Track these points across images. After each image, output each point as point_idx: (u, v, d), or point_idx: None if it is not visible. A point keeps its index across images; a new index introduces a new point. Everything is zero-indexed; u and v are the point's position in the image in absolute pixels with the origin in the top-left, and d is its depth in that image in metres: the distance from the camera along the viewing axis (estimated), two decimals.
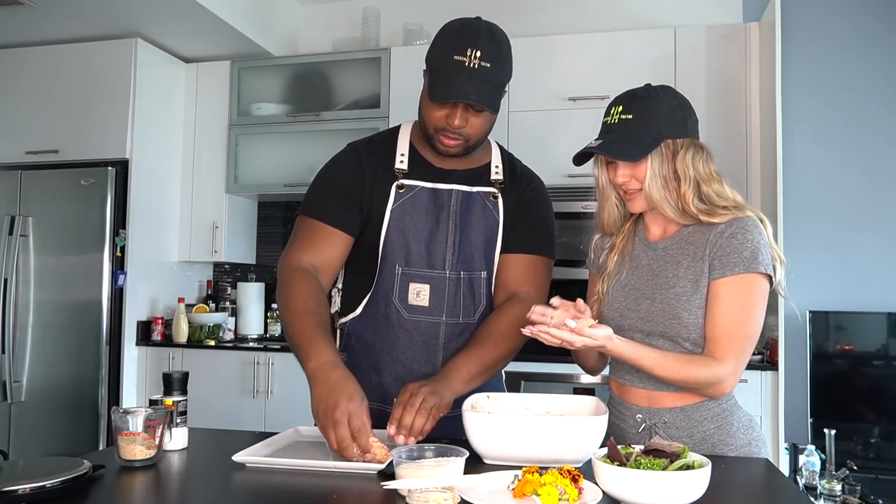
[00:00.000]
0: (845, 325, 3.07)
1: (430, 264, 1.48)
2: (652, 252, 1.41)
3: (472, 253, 1.51)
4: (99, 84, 3.59)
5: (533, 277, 1.54)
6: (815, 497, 2.51)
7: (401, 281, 1.48)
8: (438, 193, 1.50)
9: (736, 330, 1.28)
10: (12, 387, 3.44)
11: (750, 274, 1.28)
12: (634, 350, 1.24)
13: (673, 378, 1.27)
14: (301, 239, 1.50)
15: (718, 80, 3.22)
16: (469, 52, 1.36)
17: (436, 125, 1.44)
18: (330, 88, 3.79)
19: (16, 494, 0.96)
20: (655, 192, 1.33)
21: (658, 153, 1.32)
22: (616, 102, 1.38)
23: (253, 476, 1.13)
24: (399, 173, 1.50)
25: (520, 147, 3.32)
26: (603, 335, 1.20)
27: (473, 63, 1.35)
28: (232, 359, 3.48)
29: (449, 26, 1.44)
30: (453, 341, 1.50)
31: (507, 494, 0.99)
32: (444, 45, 1.40)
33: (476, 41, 1.37)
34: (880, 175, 3.21)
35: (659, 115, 1.32)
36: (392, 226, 1.48)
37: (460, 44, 1.37)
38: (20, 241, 3.50)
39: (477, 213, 1.52)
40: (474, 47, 1.36)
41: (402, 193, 1.49)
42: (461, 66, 1.36)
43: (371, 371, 1.51)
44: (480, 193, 1.53)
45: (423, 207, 1.49)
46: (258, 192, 3.85)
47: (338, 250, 1.50)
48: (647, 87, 1.38)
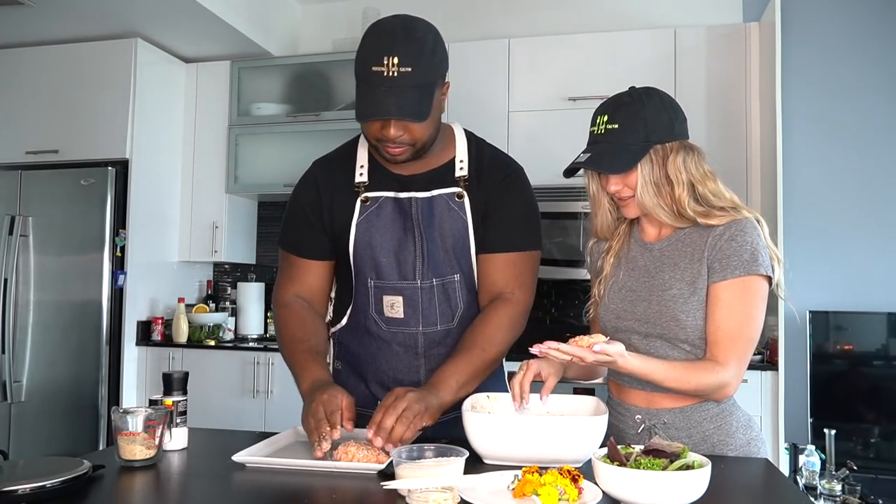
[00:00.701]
0: (845, 325, 3.07)
1: (401, 275, 1.45)
2: (648, 253, 1.40)
3: (442, 259, 1.45)
4: (99, 84, 3.58)
5: (515, 275, 1.47)
6: (815, 497, 2.51)
7: (374, 294, 1.48)
8: (401, 203, 1.46)
9: (738, 333, 1.28)
10: (12, 387, 3.44)
11: (750, 276, 1.28)
12: (646, 365, 1.23)
13: (684, 389, 1.27)
14: (283, 273, 1.58)
15: (718, 80, 3.22)
16: (386, 61, 1.27)
17: (375, 137, 1.37)
18: (330, 88, 3.78)
19: (16, 494, 0.96)
20: (648, 199, 1.32)
21: (648, 160, 1.31)
22: (601, 111, 1.36)
23: (253, 476, 1.13)
24: (360, 186, 1.47)
25: (519, 147, 3.35)
26: (616, 351, 1.18)
27: (392, 72, 1.27)
28: (232, 359, 3.48)
29: (367, 32, 1.34)
30: (434, 349, 1.48)
31: (507, 494, 0.99)
32: (363, 54, 1.31)
33: (392, 47, 1.28)
34: (880, 175, 3.21)
35: (645, 122, 1.31)
36: (359, 240, 1.46)
37: (377, 52, 1.28)
38: (20, 241, 3.50)
39: (442, 217, 1.45)
40: (390, 54, 1.27)
41: (367, 206, 1.46)
42: (381, 77, 1.27)
43: (359, 380, 1.53)
44: (443, 196, 1.45)
45: (388, 218, 1.45)
46: (258, 192, 3.85)
47: (319, 278, 1.55)
48: (632, 91, 1.36)
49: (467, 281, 1.49)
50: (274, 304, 1.56)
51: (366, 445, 1.16)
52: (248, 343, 3.67)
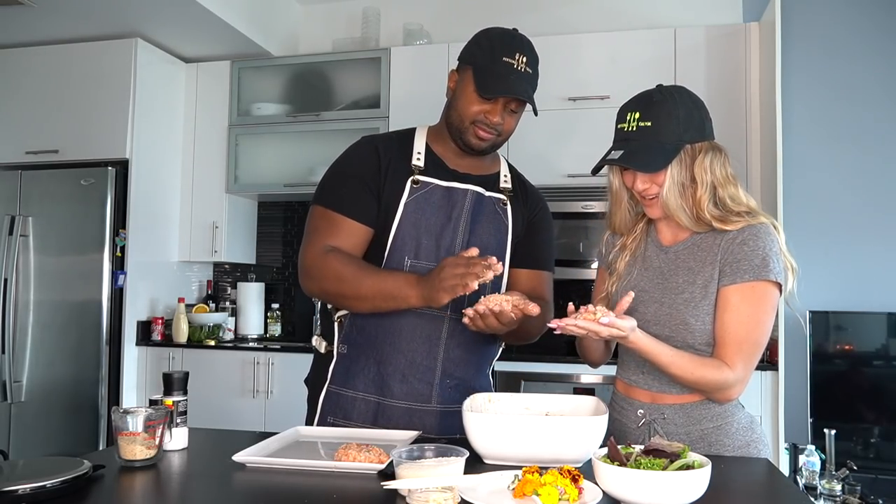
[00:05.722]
0: (845, 325, 3.07)
1: (438, 259, 1.48)
2: (664, 255, 1.40)
3: (482, 250, 1.48)
4: (99, 84, 3.58)
5: (542, 291, 1.59)
6: (815, 497, 2.51)
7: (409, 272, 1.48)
8: (453, 192, 1.53)
9: (745, 337, 1.27)
10: (12, 387, 3.44)
11: (760, 282, 1.28)
12: (653, 345, 1.24)
13: (686, 378, 1.27)
14: (321, 231, 1.50)
15: (718, 80, 3.22)
16: (517, 57, 1.47)
17: (474, 118, 1.49)
18: (330, 88, 3.78)
19: (16, 494, 0.96)
20: (672, 200, 1.31)
21: (678, 160, 1.30)
22: (632, 108, 1.34)
23: (253, 476, 1.13)
24: (416, 169, 1.53)
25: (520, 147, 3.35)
26: (628, 326, 1.20)
27: (521, 67, 1.48)
28: (232, 359, 3.48)
29: (494, 31, 1.54)
30: (455, 337, 1.50)
31: (507, 494, 0.99)
32: (491, 47, 1.49)
33: (522, 48, 1.49)
34: (880, 175, 3.21)
35: (678, 121, 1.30)
36: (405, 219, 1.50)
37: (509, 48, 1.48)
38: (20, 241, 3.50)
39: (488, 216, 1.56)
40: (522, 53, 1.48)
41: (416, 189, 1.51)
42: (510, 68, 1.46)
43: (371, 362, 1.51)
44: (492, 198, 1.57)
45: (437, 204, 1.52)
46: (258, 192, 3.85)
47: (356, 243, 1.50)
48: (661, 89, 1.35)
49: (496, 281, 1.53)
50: (310, 257, 1.47)
51: (366, 447, 1.16)
52: (248, 343, 3.67)
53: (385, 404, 1.49)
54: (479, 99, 1.48)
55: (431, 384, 1.49)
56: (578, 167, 3.13)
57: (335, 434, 1.39)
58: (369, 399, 1.49)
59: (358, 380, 1.50)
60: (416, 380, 1.49)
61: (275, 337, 3.87)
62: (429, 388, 1.49)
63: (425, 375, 1.49)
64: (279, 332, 3.91)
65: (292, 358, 3.36)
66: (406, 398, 1.49)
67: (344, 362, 1.53)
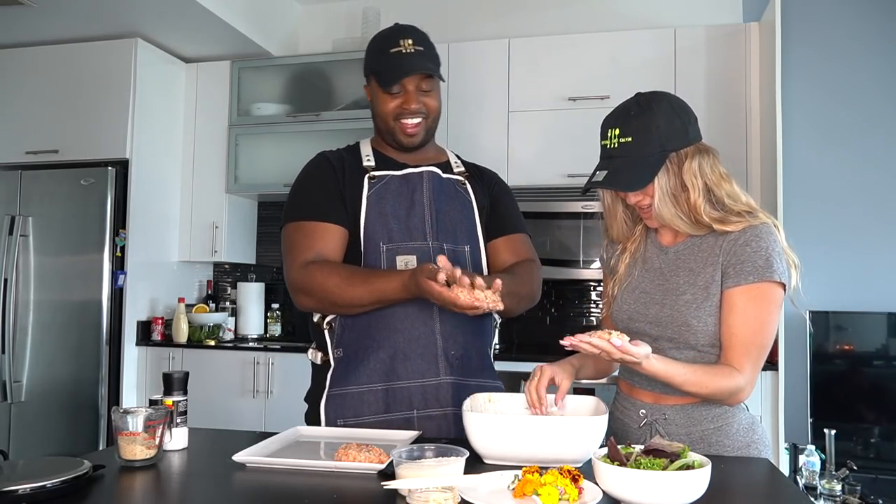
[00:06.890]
0: (845, 325, 3.07)
1: (412, 238, 1.53)
2: (664, 256, 1.40)
3: (452, 227, 1.57)
4: (99, 84, 3.58)
5: (523, 252, 1.65)
6: (815, 497, 2.51)
7: (387, 257, 1.51)
8: (410, 176, 1.58)
9: (752, 339, 1.27)
10: (12, 387, 3.44)
11: (764, 283, 1.27)
12: (667, 369, 1.23)
13: (702, 393, 1.26)
14: (297, 246, 1.52)
15: (718, 80, 3.22)
16: (402, 42, 1.53)
17: (394, 115, 1.55)
18: (330, 88, 3.78)
19: (16, 494, 0.96)
20: (666, 210, 1.30)
21: (664, 170, 1.29)
22: (612, 123, 1.32)
23: (253, 476, 1.13)
24: (369, 168, 1.59)
25: (520, 147, 3.36)
26: (642, 353, 1.17)
27: (409, 49, 1.53)
28: (232, 359, 3.47)
29: (377, 35, 1.62)
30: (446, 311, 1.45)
31: (507, 494, 0.99)
32: (378, 48, 1.58)
33: (405, 34, 1.55)
34: (880, 175, 3.21)
35: (659, 132, 1.28)
36: (370, 209, 1.53)
37: (393, 39, 1.55)
38: (20, 241, 3.50)
39: (450, 195, 1.60)
40: (405, 37, 1.54)
41: (374, 182, 1.57)
42: (400, 54, 1.52)
43: (370, 352, 1.49)
44: (451, 180, 1.63)
45: (397, 191, 1.57)
46: (258, 192, 3.85)
47: (337, 246, 1.53)
48: (639, 99, 1.33)
49: (474, 256, 1.58)
50: (295, 273, 1.49)
51: (366, 447, 1.16)
52: (248, 343, 3.67)
53: (394, 388, 1.47)
54: (389, 96, 1.54)
55: (436, 356, 1.48)
56: (578, 167, 3.14)
57: (335, 434, 1.39)
58: (375, 389, 1.48)
59: (360, 374, 1.48)
60: (418, 356, 1.48)
61: (275, 337, 3.87)
62: (434, 362, 1.48)
63: (427, 349, 1.48)
64: (279, 333, 3.91)
65: (292, 358, 3.36)
66: (414, 376, 1.47)
67: (341, 365, 1.51)
